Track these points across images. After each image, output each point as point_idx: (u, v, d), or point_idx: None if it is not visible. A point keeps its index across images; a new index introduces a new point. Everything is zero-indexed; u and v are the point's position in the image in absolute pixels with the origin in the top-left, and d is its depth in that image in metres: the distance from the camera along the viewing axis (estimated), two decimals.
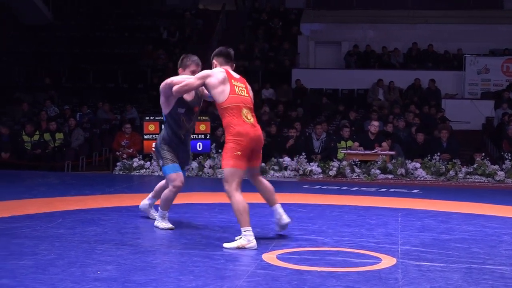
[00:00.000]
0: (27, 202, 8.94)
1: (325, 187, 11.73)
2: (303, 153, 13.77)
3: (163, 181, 7.42)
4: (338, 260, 5.82)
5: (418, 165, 13.35)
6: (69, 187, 10.98)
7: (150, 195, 7.71)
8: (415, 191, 11.35)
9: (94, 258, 5.68)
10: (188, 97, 7.04)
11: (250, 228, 6.21)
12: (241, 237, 6.20)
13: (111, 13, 25.62)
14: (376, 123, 14.51)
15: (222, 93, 6.44)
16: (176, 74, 7.11)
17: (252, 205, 8.77)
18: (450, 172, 13.15)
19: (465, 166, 13.39)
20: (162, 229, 7.09)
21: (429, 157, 13.49)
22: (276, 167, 13.53)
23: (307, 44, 24.14)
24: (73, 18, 25.48)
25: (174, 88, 6.68)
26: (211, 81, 6.51)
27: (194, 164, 13.44)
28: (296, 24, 24.39)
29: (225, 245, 6.22)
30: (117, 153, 14.64)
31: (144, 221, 7.60)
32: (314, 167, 13.41)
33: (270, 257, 5.86)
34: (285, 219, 6.84)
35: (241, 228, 6.22)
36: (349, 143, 14.61)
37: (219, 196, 9.92)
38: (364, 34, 24.16)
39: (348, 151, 14.08)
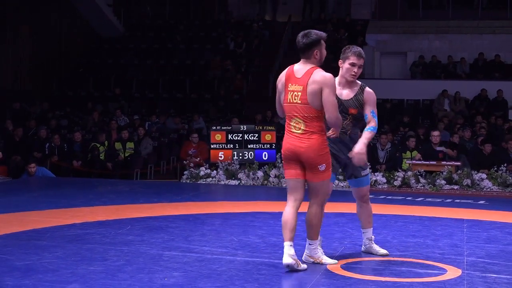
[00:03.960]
0: (98, 209, 9.10)
1: (389, 197, 11.61)
2: (368, 163, 13.67)
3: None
4: (402, 270, 5.76)
5: (484, 175, 13.12)
6: (138, 195, 11.12)
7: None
8: (481, 202, 11.15)
9: (161, 265, 5.74)
10: (345, 96, 6.38)
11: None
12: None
13: (180, 24, 25.92)
14: (436, 133, 14.21)
15: (279, 103, 5.90)
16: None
17: None
18: None
19: None
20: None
21: (495, 168, 13.25)
22: (340, 177, 13.45)
23: (373, 55, 23.95)
24: (142, 30, 25.90)
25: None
26: (277, 88, 5.93)
27: (260, 173, 13.47)
28: (361, 35, 24.23)
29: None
30: (184, 162, 14.77)
31: (210, 229, 7.64)
32: (379, 177, 13.30)
33: (334, 266, 5.83)
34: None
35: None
36: (415, 153, 14.44)
37: (284, 205, 9.91)
38: (430, 44, 23.87)
39: (413, 161, 13.92)
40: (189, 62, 23.74)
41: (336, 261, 5.96)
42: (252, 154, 14.03)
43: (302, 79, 5.70)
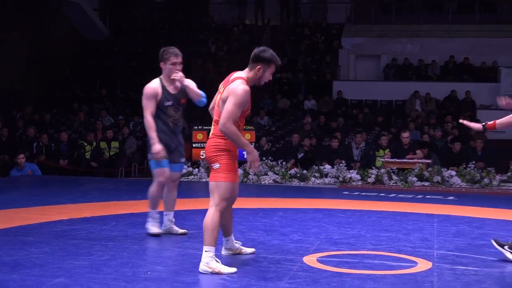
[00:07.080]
0: (84, 206, 9.07)
1: (364, 193, 11.67)
2: (343, 161, 13.74)
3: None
4: (376, 263, 5.79)
5: (453, 173, 13.21)
6: (122, 192, 11.08)
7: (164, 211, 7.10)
8: (451, 198, 11.22)
9: (145, 259, 5.74)
10: (173, 90, 6.97)
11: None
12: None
13: (163, 28, 25.88)
14: (405, 134, 14.14)
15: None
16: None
17: (295, 210, 8.80)
18: (485, 180, 12.99)
19: (499, 174, 13.22)
20: (151, 234, 6.82)
21: (464, 166, 13.34)
22: (317, 174, 13.50)
23: (348, 58, 24.05)
24: (127, 33, 25.83)
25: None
26: None
27: (239, 171, 13.48)
28: (337, 38, 24.33)
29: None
30: None
31: (192, 224, 7.64)
32: (354, 174, 13.36)
33: (310, 259, 5.85)
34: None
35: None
36: (386, 151, 14.50)
37: (262, 202, 9.94)
38: (402, 47, 24.00)
39: (386, 159, 13.98)
40: None
41: (235, 269, 5.33)
42: None
43: (227, 85, 5.51)
